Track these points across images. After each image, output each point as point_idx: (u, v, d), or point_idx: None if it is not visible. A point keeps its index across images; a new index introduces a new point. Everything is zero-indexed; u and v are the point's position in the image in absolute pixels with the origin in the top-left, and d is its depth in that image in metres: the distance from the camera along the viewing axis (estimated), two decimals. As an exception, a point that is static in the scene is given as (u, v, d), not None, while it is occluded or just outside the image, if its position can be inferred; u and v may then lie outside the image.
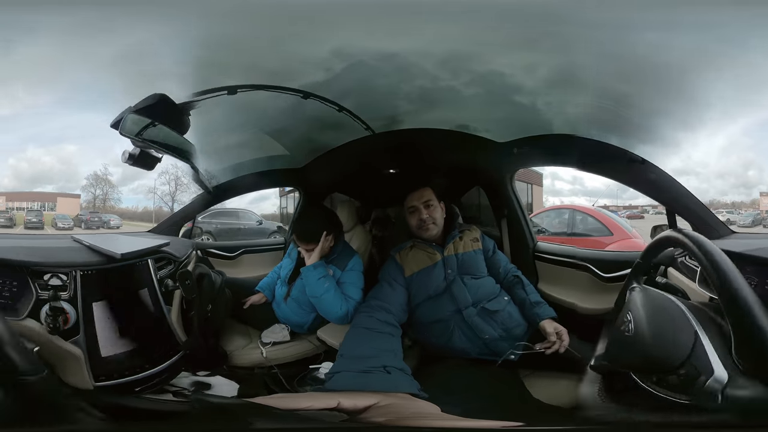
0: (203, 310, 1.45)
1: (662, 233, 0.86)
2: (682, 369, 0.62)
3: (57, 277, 1.03)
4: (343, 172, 1.97)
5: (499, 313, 1.27)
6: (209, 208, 2.10)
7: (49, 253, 1.09)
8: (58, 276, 1.04)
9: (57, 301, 1.01)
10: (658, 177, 1.30)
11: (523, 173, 2.03)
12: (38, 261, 1.03)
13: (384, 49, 1.06)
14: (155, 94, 1.11)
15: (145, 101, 1.10)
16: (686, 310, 0.69)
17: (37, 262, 1.02)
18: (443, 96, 1.35)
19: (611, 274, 1.45)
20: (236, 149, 1.71)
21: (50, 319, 0.98)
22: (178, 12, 0.95)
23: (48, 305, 1.00)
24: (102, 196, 2.65)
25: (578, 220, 3.21)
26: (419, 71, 1.17)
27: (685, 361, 0.63)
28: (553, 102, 1.35)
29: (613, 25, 0.98)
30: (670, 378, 0.64)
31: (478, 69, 1.19)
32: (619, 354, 0.79)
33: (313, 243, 1.40)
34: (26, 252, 1.04)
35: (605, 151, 1.35)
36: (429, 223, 1.39)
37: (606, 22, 0.97)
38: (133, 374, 1.15)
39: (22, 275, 1.00)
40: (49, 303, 1.00)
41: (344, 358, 0.99)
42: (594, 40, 1.04)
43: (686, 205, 1.29)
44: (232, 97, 1.23)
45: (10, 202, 2.72)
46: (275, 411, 0.66)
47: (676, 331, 0.66)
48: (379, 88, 1.29)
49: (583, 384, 0.86)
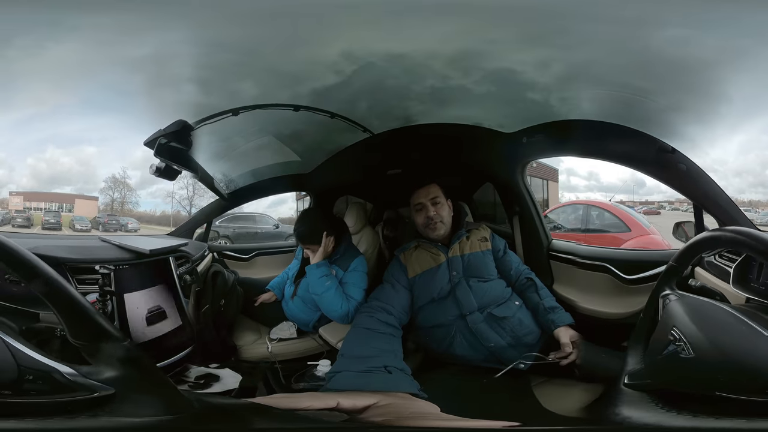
0: (216, 304, 1.55)
1: (704, 233, 0.79)
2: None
3: (104, 267, 1.13)
4: (350, 174, 1.96)
5: (507, 320, 1.21)
6: (226, 213, 2.14)
7: (85, 251, 1.19)
8: (105, 266, 1.13)
9: (107, 286, 1.10)
10: (688, 168, 1.19)
11: (539, 169, 1.96)
12: (77, 258, 1.12)
13: (392, 50, 1.05)
14: (179, 120, 1.25)
15: (171, 126, 1.25)
16: (744, 317, 0.65)
17: (75, 259, 1.12)
18: (454, 95, 1.32)
19: (634, 276, 1.34)
20: (250, 155, 1.75)
21: (100, 304, 1.08)
22: (193, 16, 0.97)
23: (98, 292, 1.08)
24: (120, 199, 2.72)
25: (594, 215, 3.12)
26: (428, 71, 1.16)
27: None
28: (567, 98, 1.30)
29: (630, 21, 0.94)
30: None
31: (488, 66, 1.17)
32: (678, 375, 0.73)
33: (312, 244, 1.47)
34: (64, 250, 1.12)
35: (629, 137, 1.24)
36: (437, 222, 1.34)
37: (624, 18, 0.93)
38: (158, 362, 1.22)
39: (62, 272, 1.07)
40: (99, 289, 1.08)
41: (345, 357, 0.98)
42: (611, 36, 1.00)
43: (716, 201, 1.17)
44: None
45: (27, 202, 2.79)
46: (275, 411, 0.67)
47: (750, 344, 0.62)
48: (389, 89, 1.28)
49: (622, 405, 0.79)
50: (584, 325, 1.18)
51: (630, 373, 0.83)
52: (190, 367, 1.33)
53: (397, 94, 1.33)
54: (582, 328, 1.16)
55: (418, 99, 1.37)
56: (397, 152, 1.74)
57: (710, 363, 0.65)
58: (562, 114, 1.37)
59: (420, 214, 1.37)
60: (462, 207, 1.46)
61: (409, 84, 1.26)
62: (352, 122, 1.47)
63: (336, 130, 1.51)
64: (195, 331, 1.43)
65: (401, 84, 1.25)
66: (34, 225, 2.68)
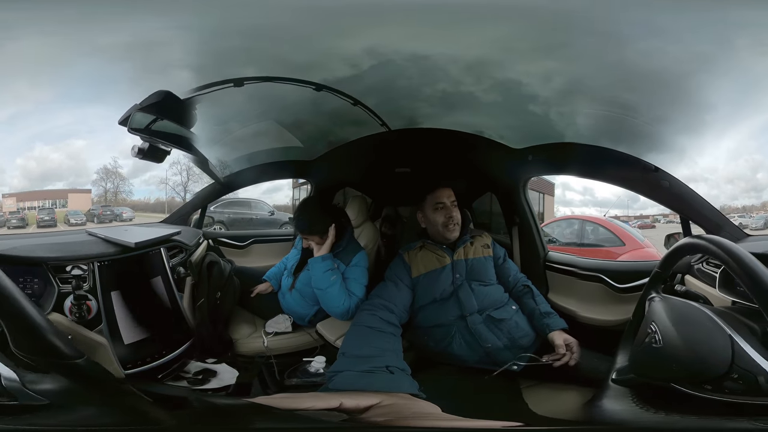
0: (212, 297, 1.49)
1: (682, 240, 0.85)
2: (733, 373, 0.64)
3: (77, 267, 1.07)
4: (355, 167, 1.97)
5: (505, 322, 1.24)
6: (221, 198, 2.11)
7: (67, 248, 1.13)
8: (79, 266, 1.07)
9: (79, 290, 1.04)
10: (671, 184, 1.30)
11: (536, 182, 2.01)
12: (57, 256, 1.07)
13: (415, 50, 1.07)
14: (160, 91, 1.14)
15: (150, 98, 1.13)
16: (714, 315, 0.70)
17: (56, 257, 1.06)
18: (463, 101, 1.35)
19: (625, 285, 1.43)
20: (249, 139, 1.72)
21: (75, 308, 1.02)
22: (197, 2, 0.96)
23: (71, 295, 1.03)
24: (113, 189, 2.67)
25: (589, 230, 3.16)
26: (444, 75, 1.18)
27: (732, 365, 0.64)
28: (566, 112, 1.35)
29: (616, 32, 0.97)
30: (727, 384, 0.65)
31: (498, 76, 1.20)
32: (649, 366, 0.79)
33: (315, 235, 1.40)
34: (44, 248, 1.08)
35: (618, 160, 1.34)
36: (456, 223, 1.37)
37: (615, 30, 0.96)
38: (153, 361, 1.18)
39: (43, 271, 1.04)
40: (72, 293, 1.03)
41: (346, 357, 0.98)
42: (604, 48, 1.03)
43: (700, 211, 1.28)
44: (247, 88, 1.24)
45: (21, 202, 2.74)
46: (275, 411, 0.67)
47: (710, 338, 0.67)
48: (401, 89, 1.30)
49: (605, 398, 0.84)
50: (578, 332, 1.21)
51: (617, 369, 0.88)
52: (187, 362, 1.31)
53: (407, 95, 1.35)
54: (576, 335, 1.19)
55: (427, 101, 1.39)
56: (408, 151, 1.76)
57: (671, 352, 0.70)
58: (560, 128, 1.42)
59: (440, 213, 1.38)
60: (467, 213, 1.50)
61: (420, 86, 1.28)
62: (372, 113, 1.46)
63: (342, 120, 1.50)
64: (190, 327, 1.38)
65: (413, 85, 1.27)
66: (29, 224, 2.64)
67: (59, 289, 1.04)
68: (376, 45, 1.05)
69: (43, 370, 0.60)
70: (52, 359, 0.59)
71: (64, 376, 0.61)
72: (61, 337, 0.61)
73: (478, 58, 1.10)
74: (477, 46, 1.05)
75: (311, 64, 1.18)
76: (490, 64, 1.13)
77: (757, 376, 0.62)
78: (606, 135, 1.39)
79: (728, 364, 0.64)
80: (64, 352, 0.60)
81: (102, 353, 1.06)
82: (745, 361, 0.64)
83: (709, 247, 0.70)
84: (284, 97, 1.38)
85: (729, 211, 2.57)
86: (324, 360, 1.33)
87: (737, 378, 0.64)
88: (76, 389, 0.61)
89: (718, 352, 0.65)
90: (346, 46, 1.07)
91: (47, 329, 0.59)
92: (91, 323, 1.07)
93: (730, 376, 0.64)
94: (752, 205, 2.52)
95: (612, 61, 1.08)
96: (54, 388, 0.59)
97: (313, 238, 1.43)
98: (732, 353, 0.65)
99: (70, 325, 1.02)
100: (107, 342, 1.08)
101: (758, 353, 0.63)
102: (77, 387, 0.61)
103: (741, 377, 0.64)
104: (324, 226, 1.40)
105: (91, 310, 1.06)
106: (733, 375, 0.64)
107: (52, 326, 0.61)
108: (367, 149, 1.71)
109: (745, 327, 0.67)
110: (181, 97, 1.19)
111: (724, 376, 0.65)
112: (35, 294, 1.02)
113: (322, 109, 1.44)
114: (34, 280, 1.03)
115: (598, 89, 1.23)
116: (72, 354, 0.61)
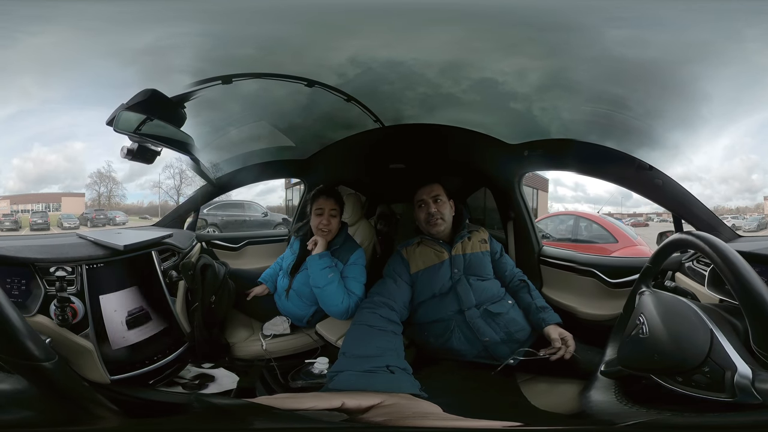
0: (207, 301, 1.46)
1: (672, 236, 0.87)
2: (705, 367, 0.65)
3: (62, 269, 1.05)
4: (349, 165, 1.97)
5: (502, 316, 1.25)
6: (215, 200, 2.10)
7: (55, 250, 1.11)
8: (63, 268, 1.05)
9: (63, 292, 1.02)
10: (665, 183, 1.32)
11: (530, 178, 2.02)
12: (44, 257, 1.05)
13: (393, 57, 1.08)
14: (146, 89, 1.13)
15: (136, 97, 1.12)
16: (699, 310, 0.71)
17: (42, 258, 1.04)
18: (444, 102, 1.36)
19: (618, 280, 1.44)
20: (241, 140, 1.72)
21: (59, 311, 1.00)
22: (194, 10, 0.96)
23: (56, 297, 1.01)
24: (106, 193, 2.65)
25: (582, 226, 3.18)
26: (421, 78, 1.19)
27: (706, 359, 0.65)
28: (548, 108, 1.37)
29: (606, 26, 0.98)
30: (696, 377, 0.66)
31: (474, 76, 1.21)
32: (634, 357, 0.80)
33: (339, 203, 1.46)
34: (31, 249, 1.06)
35: (614, 158, 1.36)
36: (437, 218, 1.37)
37: (603, 23, 0.97)
38: (143, 367, 1.16)
39: (30, 272, 1.02)
40: (56, 295, 1.01)
41: (347, 356, 0.98)
42: (590, 43, 1.04)
43: (692, 210, 1.31)
44: (239, 89, 1.24)
45: (14, 205, 2.71)
46: (276, 411, 0.67)
47: (692, 331, 0.68)
48: (384, 93, 1.31)
49: (593, 390, 0.86)
50: (571, 325, 1.23)
51: (606, 362, 0.91)
52: (183, 368, 1.29)
53: (390, 98, 1.37)
54: (569, 328, 1.21)
55: (409, 104, 1.40)
56: (402, 148, 1.76)
57: (654, 342, 0.72)
58: (545, 123, 1.43)
59: (421, 210, 1.40)
60: (463, 209, 1.50)
61: (404, 90, 1.30)
62: (365, 108, 1.46)
63: (334, 118, 1.50)
64: (183, 331, 1.36)
65: (396, 89, 1.29)
66: (22, 227, 2.61)
67: (46, 291, 1.02)
68: (355, 54, 1.07)
69: (7, 371, 0.60)
70: (19, 360, 0.58)
71: (26, 378, 0.60)
72: (35, 339, 0.60)
73: (450, 60, 1.11)
74: (446, 49, 1.06)
75: (306, 74, 1.21)
76: (465, 65, 1.14)
77: (725, 372, 0.64)
78: (597, 130, 1.41)
79: (703, 357, 0.66)
80: (33, 354, 0.59)
81: (87, 358, 1.04)
82: (720, 356, 0.65)
83: (698, 244, 0.72)
84: (276, 97, 1.38)
85: (722, 212, 2.59)
86: (327, 361, 1.32)
87: (707, 372, 0.65)
88: (34, 392, 0.60)
89: (697, 344, 0.67)
90: (332, 56, 1.09)
91: (20, 330, 0.58)
92: (77, 327, 1.05)
93: (701, 370, 0.66)
94: (746, 206, 2.53)
95: (595, 54, 1.08)
96: (12, 389, 0.59)
97: (334, 206, 1.47)
98: (710, 347, 0.66)
99: (52, 327, 1.00)
100: (93, 346, 1.06)
101: (734, 350, 0.65)
102: (37, 390, 0.60)
103: (711, 371, 0.65)
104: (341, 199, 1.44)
105: (77, 313, 1.04)
106: (704, 369, 0.66)
107: (28, 327, 0.60)
108: (360, 146, 1.71)
109: (728, 324, 0.69)
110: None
111: (696, 369, 0.66)
112: (21, 295, 1.00)
113: (312, 108, 1.44)
114: (21, 281, 1.01)
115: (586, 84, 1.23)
116: (41, 356, 0.60)
